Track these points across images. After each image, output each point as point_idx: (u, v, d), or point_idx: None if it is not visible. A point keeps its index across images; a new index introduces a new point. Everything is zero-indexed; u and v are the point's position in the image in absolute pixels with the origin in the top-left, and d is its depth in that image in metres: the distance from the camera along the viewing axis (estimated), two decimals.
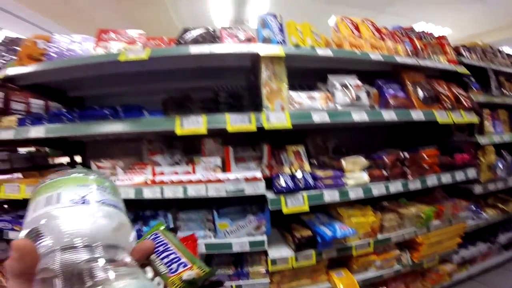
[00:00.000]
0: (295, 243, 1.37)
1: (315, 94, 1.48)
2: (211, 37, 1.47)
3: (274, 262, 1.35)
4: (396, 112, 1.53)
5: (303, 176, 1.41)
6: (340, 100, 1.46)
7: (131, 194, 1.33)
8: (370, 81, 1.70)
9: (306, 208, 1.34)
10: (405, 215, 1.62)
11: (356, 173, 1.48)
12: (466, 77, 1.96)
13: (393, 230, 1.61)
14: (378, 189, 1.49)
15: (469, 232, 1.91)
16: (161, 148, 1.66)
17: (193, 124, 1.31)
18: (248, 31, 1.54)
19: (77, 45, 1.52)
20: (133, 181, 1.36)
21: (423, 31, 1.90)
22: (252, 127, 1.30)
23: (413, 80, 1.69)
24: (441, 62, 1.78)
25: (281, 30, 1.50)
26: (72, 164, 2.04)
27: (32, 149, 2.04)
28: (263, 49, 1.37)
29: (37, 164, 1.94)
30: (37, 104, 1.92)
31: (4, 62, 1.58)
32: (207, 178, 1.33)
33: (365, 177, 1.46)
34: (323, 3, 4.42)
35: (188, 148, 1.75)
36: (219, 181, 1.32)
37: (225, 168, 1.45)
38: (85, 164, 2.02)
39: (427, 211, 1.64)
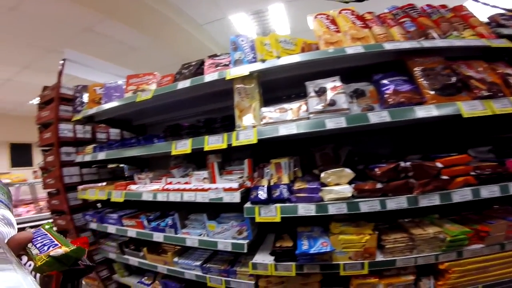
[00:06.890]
0: (273, 252, 1.43)
1: (290, 105, 1.46)
2: (197, 69, 1.72)
3: (254, 266, 1.45)
4: (391, 112, 1.28)
5: (279, 189, 1.44)
6: (312, 108, 1.38)
7: (151, 197, 1.77)
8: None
9: (278, 219, 1.36)
10: (418, 237, 1.33)
11: (339, 187, 1.36)
12: None
13: (400, 253, 1.35)
14: (369, 205, 1.31)
15: None
16: (181, 163, 2.07)
17: (183, 147, 1.61)
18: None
19: (119, 87, 2.12)
20: (151, 188, 1.82)
21: (429, 5, 1.43)
22: (223, 145, 1.47)
23: (424, 67, 1.33)
24: (462, 39, 1.30)
25: (253, 48, 1.57)
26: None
27: (113, 165, 2.94)
28: (231, 72, 1.50)
29: (117, 175, 2.79)
30: (114, 132, 2.75)
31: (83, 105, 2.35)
32: (195, 187, 1.62)
33: (347, 191, 1.32)
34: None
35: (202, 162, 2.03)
36: (204, 190, 1.57)
37: (212, 179, 1.68)
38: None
39: (456, 232, 1.28)
